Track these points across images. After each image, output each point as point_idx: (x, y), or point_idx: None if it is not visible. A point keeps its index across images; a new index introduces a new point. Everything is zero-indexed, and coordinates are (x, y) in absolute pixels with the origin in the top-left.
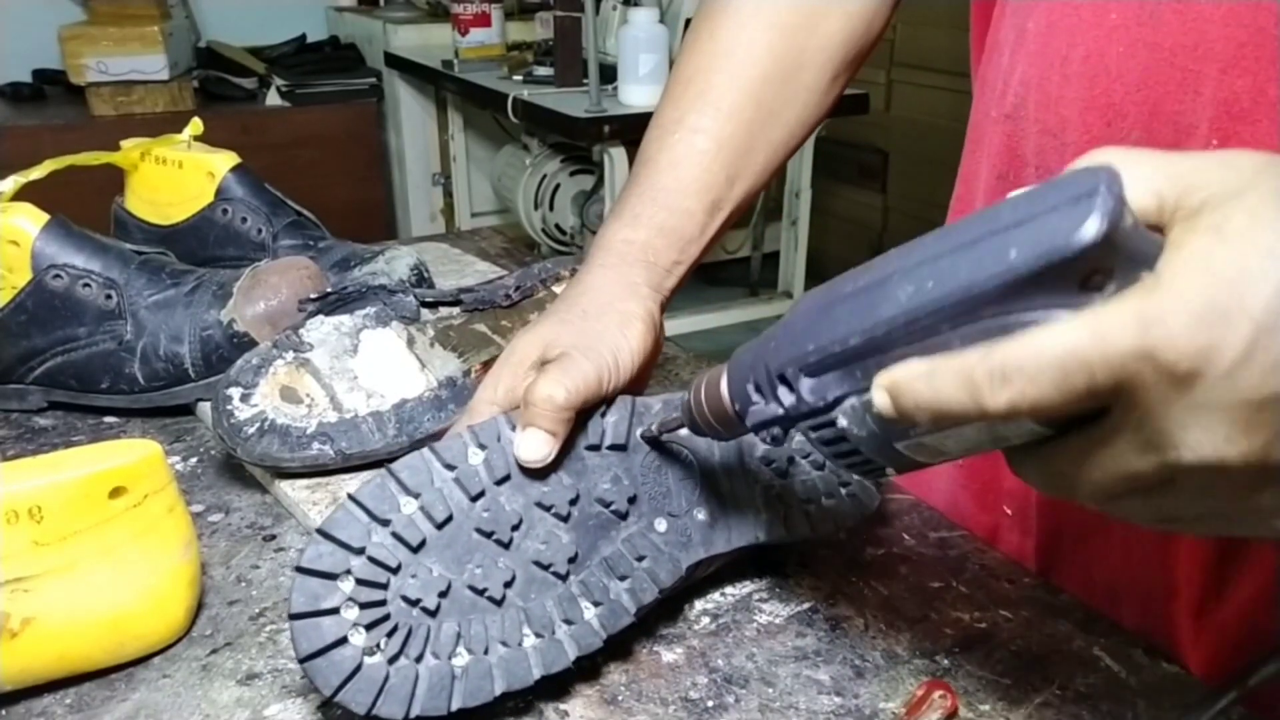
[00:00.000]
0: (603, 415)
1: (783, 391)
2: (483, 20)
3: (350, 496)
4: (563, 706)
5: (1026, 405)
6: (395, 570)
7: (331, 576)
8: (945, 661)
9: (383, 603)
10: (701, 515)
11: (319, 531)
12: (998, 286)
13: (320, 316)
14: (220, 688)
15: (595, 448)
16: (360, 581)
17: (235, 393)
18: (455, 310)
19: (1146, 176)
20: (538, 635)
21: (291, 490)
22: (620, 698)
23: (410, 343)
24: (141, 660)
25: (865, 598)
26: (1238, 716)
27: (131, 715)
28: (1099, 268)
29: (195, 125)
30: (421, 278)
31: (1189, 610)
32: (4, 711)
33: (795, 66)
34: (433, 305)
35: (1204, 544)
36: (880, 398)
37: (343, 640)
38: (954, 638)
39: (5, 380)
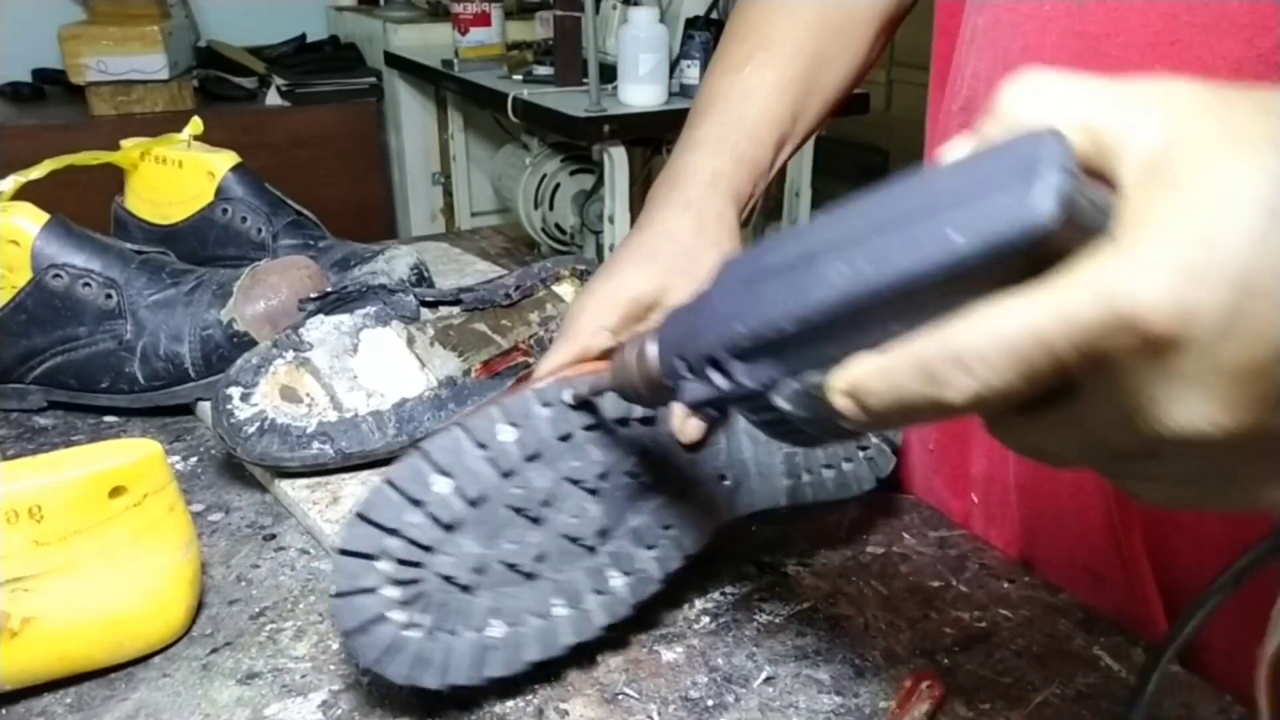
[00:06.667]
0: None
1: (713, 374)
2: (483, 20)
3: (385, 479)
4: (563, 705)
5: (990, 394)
6: (430, 549)
7: (370, 557)
8: (945, 661)
9: (419, 580)
10: (727, 481)
11: (357, 515)
12: (942, 274)
13: (320, 316)
14: (220, 687)
15: (624, 422)
16: (397, 561)
17: (235, 392)
18: (455, 310)
19: (1084, 114)
20: (568, 606)
21: (291, 490)
22: (620, 697)
23: (410, 342)
24: (141, 660)
25: (865, 598)
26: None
27: (131, 715)
28: (1050, 248)
29: (195, 125)
30: (421, 277)
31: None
32: (4, 711)
33: (846, 20)
34: (433, 305)
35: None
36: (843, 402)
37: (381, 617)
38: (954, 637)
39: (5, 380)
